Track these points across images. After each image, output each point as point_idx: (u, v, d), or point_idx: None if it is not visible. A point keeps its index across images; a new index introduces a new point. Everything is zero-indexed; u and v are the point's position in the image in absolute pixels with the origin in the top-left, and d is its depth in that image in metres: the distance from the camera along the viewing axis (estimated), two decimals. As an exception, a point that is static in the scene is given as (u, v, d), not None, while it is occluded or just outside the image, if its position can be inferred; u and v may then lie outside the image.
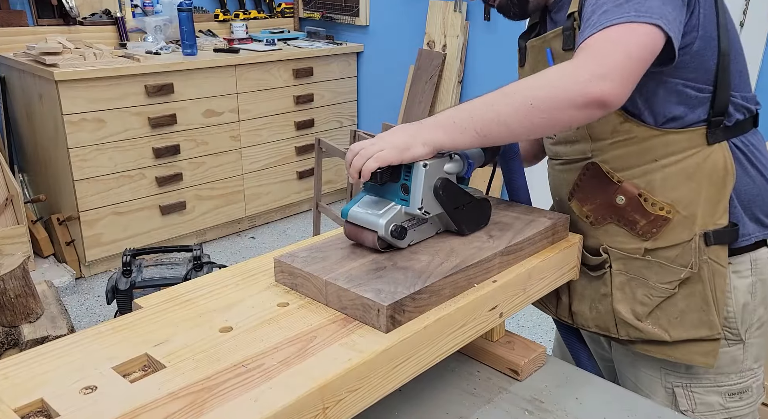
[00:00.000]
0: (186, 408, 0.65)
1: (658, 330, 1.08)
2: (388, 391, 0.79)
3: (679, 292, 1.07)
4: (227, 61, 3.42)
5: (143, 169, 3.24)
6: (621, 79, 0.87)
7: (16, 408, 0.66)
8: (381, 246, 0.94)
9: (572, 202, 1.15)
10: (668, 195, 1.04)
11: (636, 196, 1.06)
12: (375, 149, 0.92)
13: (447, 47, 3.58)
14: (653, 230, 1.06)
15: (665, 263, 1.07)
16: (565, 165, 1.16)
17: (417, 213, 0.94)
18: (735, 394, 1.11)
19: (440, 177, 0.96)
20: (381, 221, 0.92)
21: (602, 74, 0.86)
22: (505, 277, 0.95)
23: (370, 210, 0.95)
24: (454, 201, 0.98)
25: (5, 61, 3.24)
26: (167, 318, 0.84)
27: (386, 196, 0.97)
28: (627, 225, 1.08)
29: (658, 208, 1.05)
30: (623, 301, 1.11)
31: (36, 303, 2.05)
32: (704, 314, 1.06)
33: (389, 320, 0.79)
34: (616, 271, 1.11)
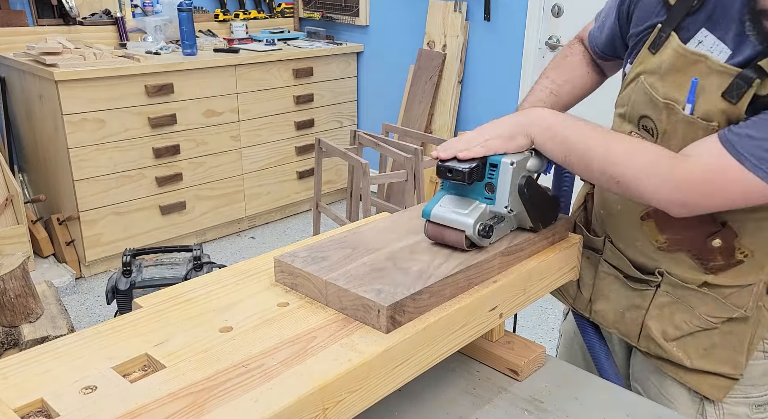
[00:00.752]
0: (186, 409, 0.65)
1: (681, 354, 1.06)
2: (388, 392, 0.79)
3: (720, 328, 1.04)
4: (227, 61, 3.42)
5: (143, 169, 3.24)
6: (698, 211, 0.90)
7: (15, 408, 0.66)
8: (466, 244, 0.93)
9: (647, 222, 1.06)
10: (754, 242, 1.00)
11: (733, 243, 1.00)
12: (482, 139, 0.93)
13: (447, 47, 3.58)
14: (724, 269, 1.02)
15: (719, 298, 1.03)
16: None
17: (503, 212, 0.94)
18: (761, 406, 1.10)
19: (524, 174, 0.96)
20: (469, 220, 0.92)
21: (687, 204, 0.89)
22: (505, 278, 0.95)
23: (453, 209, 0.94)
24: (536, 198, 0.98)
25: (5, 61, 3.24)
26: (167, 318, 0.84)
27: (470, 194, 0.96)
28: (700, 260, 1.03)
29: (740, 252, 1.01)
30: (657, 319, 1.08)
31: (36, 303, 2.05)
32: (734, 353, 1.04)
33: (389, 320, 0.79)
34: (663, 293, 1.07)
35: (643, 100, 1.03)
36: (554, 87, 1.21)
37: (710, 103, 0.92)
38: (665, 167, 0.89)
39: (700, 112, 0.94)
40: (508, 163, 0.92)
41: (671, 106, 0.97)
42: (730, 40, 0.91)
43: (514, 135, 0.94)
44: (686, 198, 0.89)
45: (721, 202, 0.89)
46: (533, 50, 3.28)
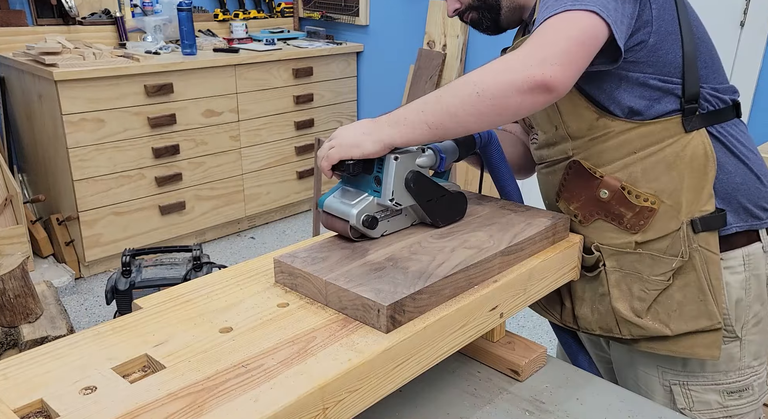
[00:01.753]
0: (186, 409, 0.65)
1: (658, 325, 1.08)
2: (388, 392, 0.78)
3: (674, 284, 1.07)
4: (227, 60, 3.42)
5: (143, 169, 3.24)
6: (562, 63, 0.88)
7: (15, 409, 0.66)
8: (353, 235, 0.98)
9: (560, 202, 1.16)
10: (651, 186, 1.05)
11: (619, 189, 1.07)
12: (326, 147, 0.98)
13: (447, 47, 3.58)
14: (640, 222, 1.07)
15: (657, 255, 1.07)
16: (550, 167, 1.17)
17: (388, 204, 0.97)
18: (734, 392, 1.11)
19: (412, 170, 0.99)
20: (353, 211, 0.96)
21: (543, 58, 0.88)
22: (505, 277, 0.95)
23: (344, 200, 0.99)
24: (426, 193, 1.01)
25: (4, 61, 3.24)
26: (167, 318, 0.84)
27: (361, 187, 1.00)
28: (614, 220, 1.09)
29: (642, 199, 1.06)
30: (621, 299, 1.11)
31: (35, 303, 2.04)
32: (702, 304, 1.05)
33: (389, 320, 0.79)
34: (611, 269, 1.11)
35: None
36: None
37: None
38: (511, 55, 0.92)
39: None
40: (392, 158, 0.96)
41: None
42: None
43: (359, 143, 0.95)
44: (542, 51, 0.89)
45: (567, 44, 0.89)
46: (533, 50, 3.27)
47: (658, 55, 1.01)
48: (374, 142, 0.95)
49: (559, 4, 0.92)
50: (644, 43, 1.00)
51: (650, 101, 1.03)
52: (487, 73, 0.91)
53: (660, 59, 1.02)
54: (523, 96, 0.89)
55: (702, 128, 1.04)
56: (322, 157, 0.98)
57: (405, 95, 3.85)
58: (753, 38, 2.51)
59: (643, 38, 1.00)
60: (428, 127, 0.94)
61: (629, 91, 1.03)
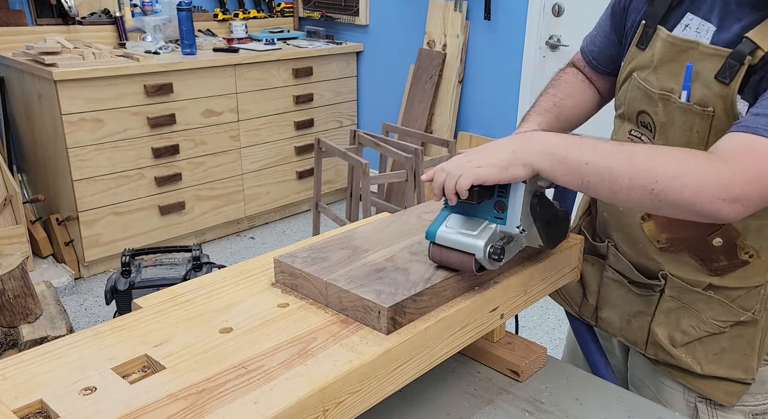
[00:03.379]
0: (186, 410, 0.65)
1: (691, 360, 1.05)
2: (388, 393, 0.78)
3: (729, 332, 1.03)
4: (227, 60, 3.42)
5: (142, 169, 3.24)
6: (753, 206, 0.79)
7: (15, 409, 0.66)
8: (475, 268, 0.86)
9: (648, 223, 1.05)
10: (758, 242, 0.99)
11: (734, 241, 0.98)
12: (471, 166, 0.83)
13: (447, 47, 3.58)
14: (728, 270, 1.01)
15: (726, 302, 1.02)
16: None
17: (515, 232, 0.87)
18: (759, 414, 1.09)
19: (536, 192, 0.89)
20: (479, 243, 0.84)
21: (741, 197, 0.78)
22: (506, 279, 0.95)
23: (461, 230, 0.86)
24: (546, 216, 0.91)
25: (4, 61, 3.23)
26: (167, 318, 0.84)
27: (476, 214, 0.89)
28: (703, 261, 1.01)
29: (743, 252, 0.99)
30: (664, 325, 1.07)
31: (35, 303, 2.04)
32: (745, 358, 1.03)
33: (390, 322, 0.79)
34: (668, 297, 1.06)
35: (638, 96, 1.03)
36: (557, 100, 1.17)
37: (705, 87, 0.91)
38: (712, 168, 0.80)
39: (696, 98, 0.93)
40: (520, 182, 0.86)
41: (666, 96, 0.97)
42: (714, 17, 0.93)
43: (510, 164, 0.83)
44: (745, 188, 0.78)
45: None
46: (533, 50, 3.28)
47: None
48: (524, 166, 0.83)
49: None
50: None
51: None
52: (674, 175, 0.79)
53: None
54: (690, 215, 0.80)
55: None
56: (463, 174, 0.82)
57: (405, 95, 3.85)
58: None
59: None
60: (581, 181, 0.83)
61: None
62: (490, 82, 3.53)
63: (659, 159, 0.81)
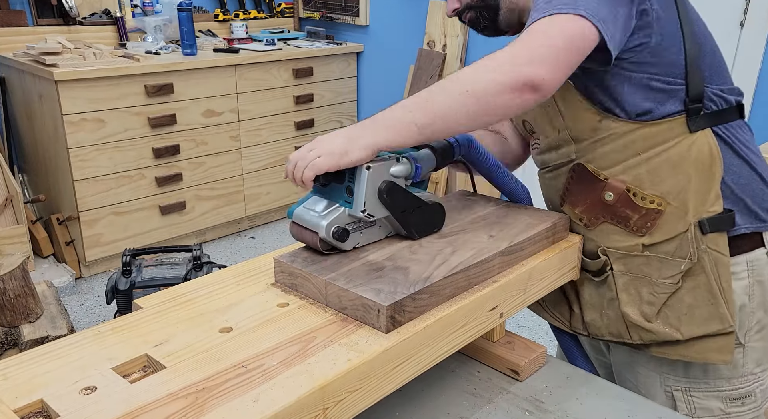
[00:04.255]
0: (186, 409, 0.65)
1: (669, 329, 1.07)
2: (388, 392, 0.79)
3: (684, 286, 1.05)
4: (227, 61, 3.42)
5: (143, 169, 3.24)
6: (550, 63, 0.89)
7: (15, 409, 0.66)
8: (323, 247, 0.93)
9: (564, 206, 1.15)
10: (657, 187, 1.04)
11: (624, 191, 1.06)
12: (312, 156, 0.89)
13: (447, 47, 3.58)
14: (647, 224, 1.06)
15: (665, 257, 1.06)
16: (553, 171, 1.16)
17: (360, 216, 0.92)
18: (736, 399, 1.10)
19: (386, 180, 0.93)
20: (322, 222, 0.91)
21: (531, 58, 0.89)
22: (505, 277, 0.95)
23: (315, 211, 0.94)
24: (400, 205, 0.95)
25: (5, 61, 3.24)
26: (167, 318, 0.84)
27: (332, 197, 0.95)
28: (620, 223, 1.08)
29: (648, 201, 1.05)
30: (630, 303, 1.09)
31: (35, 303, 2.04)
32: (713, 307, 1.04)
33: (389, 320, 0.79)
34: (618, 273, 1.10)
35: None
36: None
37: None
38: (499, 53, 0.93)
39: None
40: (364, 168, 0.90)
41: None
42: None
43: (347, 150, 0.88)
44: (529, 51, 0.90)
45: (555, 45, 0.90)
46: (533, 50, 3.27)
47: (661, 56, 1.01)
48: (363, 148, 0.89)
49: (549, 7, 0.93)
50: (646, 44, 1.00)
51: (654, 103, 1.02)
52: (476, 72, 0.92)
53: (663, 60, 1.01)
54: (512, 94, 0.89)
55: (707, 128, 1.03)
56: (305, 165, 0.89)
57: (405, 95, 3.85)
58: (753, 38, 2.51)
59: (644, 39, 0.99)
60: (417, 128, 0.90)
61: (633, 93, 1.02)
62: (491, 81, 3.53)
63: (459, 73, 0.93)
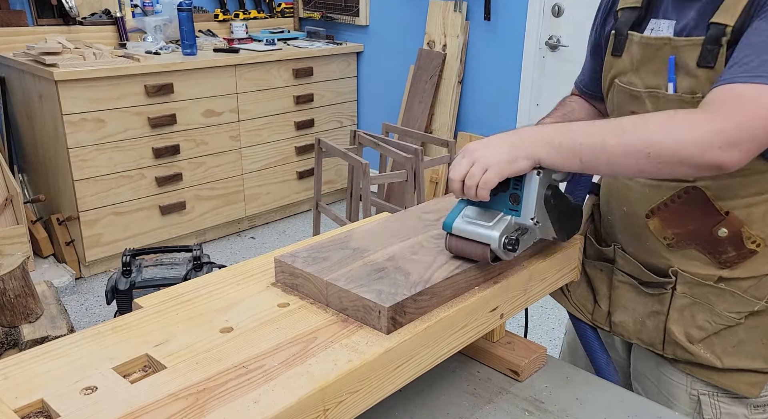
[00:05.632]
0: (187, 409, 0.65)
1: (710, 355, 1.05)
2: (388, 392, 0.78)
3: (745, 323, 1.03)
4: (227, 61, 3.42)
5: (143, 169, 3.24)
6: (746, 148, 0.80)
7: (16, 409, 0.66)
8: (491, 258, 0.89)
9: (652, 220, 1.07)
10: (765, 229, 0.99)
11: (739, 231, 1.00)
12: (479, 172, 0.86)
13: (447, 47, 3.58)
14: (737, 261, 1.02)
15: (738, 293, 1.03)
16: (655, 181, 1.05)
17: (529, 224, 0.90)
18: (760, 406, 1.09)
19: (550, 185, 0.91)
20: (494, 234, 0.87)
21: (734, 142, 0.79)
22: (506, 278, 0.95)
23: (477, 221, 0.89)
24: (560, 208, 0.94)
25: (5, 61, 3.24)
26: (167, 318, 0.84)
27: (492, 206, 0.91)
28: (711, 254, 1.03)
29: (751, 241, 1.00)
30: (679, 322, 1.07)
31: (35, 303, 2.04)
32: (763, 347, 1.03)
33: (390, 321, 0.79)
34: (680, 294, 1.06)
35: (625, 99, 1.06)
36: (566, 111, 1.22)
37: (689, 76, 0.95)
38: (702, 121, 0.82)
39: (683, 88, 0.96)
40: (534, 174, 0.88)
41: (654, 93, 1.00)
42: (670, 12, 1.01)
43: (514, 158, 0.86)
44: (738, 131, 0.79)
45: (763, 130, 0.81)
46: (533, 50, 3.28)
47: None
48: (527, 158, 0.86)
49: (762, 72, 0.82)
50: None
51: None
52: (667, 135, 0.81)
53: None
54: (692, 170, 0.82)
55: None
56: (476, 184, 0.86)
57: (405, 95, 3.85)
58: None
59: None
60: (580, 162, 0.86)
61: None
62: (490, 82, 3.54)
63: (649, 123, 0.84)
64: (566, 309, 1.23)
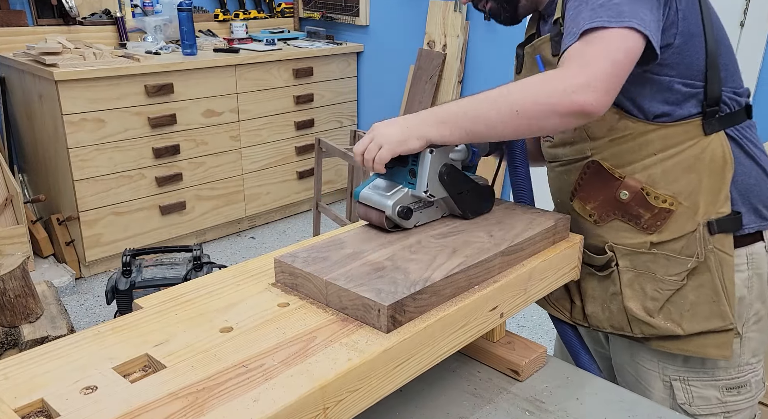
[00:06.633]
0: (186, 409, 0.65)
1: (670, 324, 1.09)
2: (388, 392, 0.78)
3: (688, 284, 1.07)
4: (227, 61, 3.42)
5: (143, 169, 3.24)
6: (604, 88, 0.89)
7: (16, 409, 0.66)
8: (388, 225, 1.01)
9: (574, 201, 1.16)
10: (670, 187, 1.06)
11: (639, 190, 1.07)
12: (374, 148, 0.99)
13: (447, 47, 3.58)
14: (657, 223, 1.07)
15: (672, 255, 1.07)
16: (565, 166, 1.17)
17: (422, 196, 1.01)
18: (733, 389, 1.12)
19: (445, 163, 1.02)
20: (389, 202, 1.00)
21: (586, 83, 0.88)
22: (505, 277, 0.95)
23: (380, 191, 1.02)
24: (458, 186, 1.05)
25: (5, 61, 3.24)
26: (167, 318, 0.84)
27: (395, 179, 1.04)
28: (632, 220, 1.09)
29: (661, 200, 1.06)
30: (633, 298, 1.11)
31: (36, 303, 2.04)
32: (715, 305, 1.06)
33: (390, 320, 0.79)
34: (624, 269, 1.11)
35: None
36: None
37: (551, 63, 1.09)
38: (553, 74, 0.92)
39: None
40: (427, 152, 1.00)
41: None
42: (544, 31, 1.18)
43: (405, 139, 0.97)
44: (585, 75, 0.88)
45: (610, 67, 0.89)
46: (533, 50, 3.28)
47: (683, 57, 1.01)
48: (418, 139, 0.98)
49: (595, 17, 0.91)
50: (670, 46, 1.00)
51: (673, 105, 1.03)
52: (528, 93, 0.93)
53: (684, 61, 1.01)
54: (561, 118, 0.91)
55: (721, 131, 1.04)
56: (372, 157, 0.99)
57: (405, 95, 3.85)
58: (753, 38, 2.51)
59: (668, 40, 0.99)
60: (466, 133, 0.97)
61: (654, 96, 1.03)
62: (490, 82, 3.52)
63: (511, 88, 0.95)
64: (547, 311, 1.25)
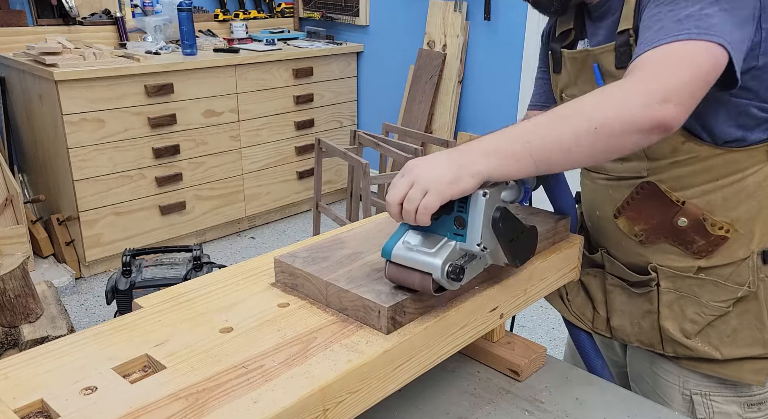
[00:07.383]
0: (186, 409, 0.65)
1: (708, 348, 1.06)
2: (388, 392, 0.78)
3: (734, 311, 1.04)
4: (227, 61, 3.42)
5: (143, 169, 3.24)
6: (685, 101, 0.81)
7: (16, 409, 0.66)
8: (433, 288, 0.80)
9: (619, 219, 1.10)
10: (728, 214, 1.01)
11: (699, 219, 1.02)
12: (418, 195, 0.79)
13: (447, 47, 3.58)
14: (710, 249, 1.04)
15: (719, 281, 1.04)
16: (613, 181, 1.10)
17: (476, 250, 0.81)
18: (754, 405, 1.09)
19: (498, 206, 0.82)
20: (436, 261, 0.78)
21: (665, 96, 0.80)
22: (505, 278, 0.95)
23: (418, 248, 0.80)
24: (511, 232, 0.84)
25: (5, 61, 3.24)
26: (167, 318, 0.84)
27: (435, 230, 0.82)
28: (682, 245, 1.05)
29: (717, 227, 1.02)
30: (671, 319, 1.08)
31: (36, 303, 2.04)
32: (758, 332, 1.04)
33: (390, 321, 0.79)
34: (665, 289, 1.08)
35: None
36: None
37: (614, 78, 1.00)
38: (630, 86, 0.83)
39: None
40: (480, 195, 0.80)
41: None
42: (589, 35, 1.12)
43: (457, 178, 0.78)
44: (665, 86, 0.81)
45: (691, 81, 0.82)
46: (533, 50, 3.27)
47: (761, 80, 0.95)
48: (472, 176, 0.79)
49: (681, 28, 0.84)
50: (754, 67, 0.93)
51: (746, 131, 0.98)
52: (605, 107, 0.81)
53: (763, 84, 0.95)
54: (643, 135, 0.81)
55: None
56: (416, 208, 0.78)
57: (405, 95, 3.85)
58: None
59: (752, 63, 0.92)
60: (534, 161, 0.80)
61: (726, 120, 0.97)
62: (490, 82, 3.54)
63: (583, 104, 0.83)
64: (565, 317, 1.23)
